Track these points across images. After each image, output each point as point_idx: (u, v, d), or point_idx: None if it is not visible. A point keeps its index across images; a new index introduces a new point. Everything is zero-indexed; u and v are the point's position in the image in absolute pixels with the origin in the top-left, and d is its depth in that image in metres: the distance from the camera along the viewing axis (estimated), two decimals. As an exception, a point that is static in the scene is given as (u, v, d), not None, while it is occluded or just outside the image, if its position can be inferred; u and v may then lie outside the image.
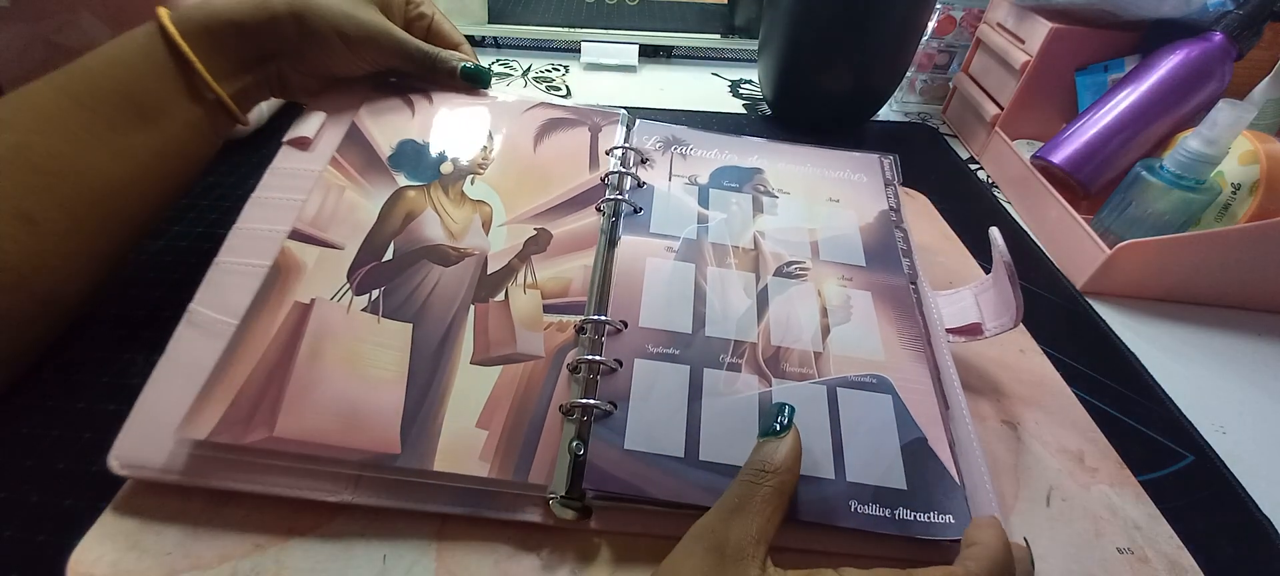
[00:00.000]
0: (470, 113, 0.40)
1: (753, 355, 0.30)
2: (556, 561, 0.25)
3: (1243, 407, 0.36)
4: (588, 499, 0.25)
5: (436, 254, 0.32)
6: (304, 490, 0.25)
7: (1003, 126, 0.57)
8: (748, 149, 0.42)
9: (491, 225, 0.34)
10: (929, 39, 0.65)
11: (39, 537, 0.24)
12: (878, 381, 0.29)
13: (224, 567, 0.23)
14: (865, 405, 0.28)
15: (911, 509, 0.25)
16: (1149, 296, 0.44)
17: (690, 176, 0.39)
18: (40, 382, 0.30)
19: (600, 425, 0.26)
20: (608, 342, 0.29)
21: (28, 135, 0.27)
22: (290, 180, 0.34)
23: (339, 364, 0.27)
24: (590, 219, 0.35)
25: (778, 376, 0.29)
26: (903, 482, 0.26)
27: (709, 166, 0.40)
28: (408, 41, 0.38)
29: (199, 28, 0.32)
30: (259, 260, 0.30)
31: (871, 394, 0.29)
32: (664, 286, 0.32)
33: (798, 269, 0.34)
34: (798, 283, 0.34)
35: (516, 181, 0.36)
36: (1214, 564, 0.27)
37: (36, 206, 0.27)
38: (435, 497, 0.25)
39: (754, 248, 0.35)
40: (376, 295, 0.29)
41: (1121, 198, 0.44)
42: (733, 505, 0.22)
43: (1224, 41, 0.45)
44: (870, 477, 0.26)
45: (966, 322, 0.33)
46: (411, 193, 0.34)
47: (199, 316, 0.28)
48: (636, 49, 0.73)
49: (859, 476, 0.26)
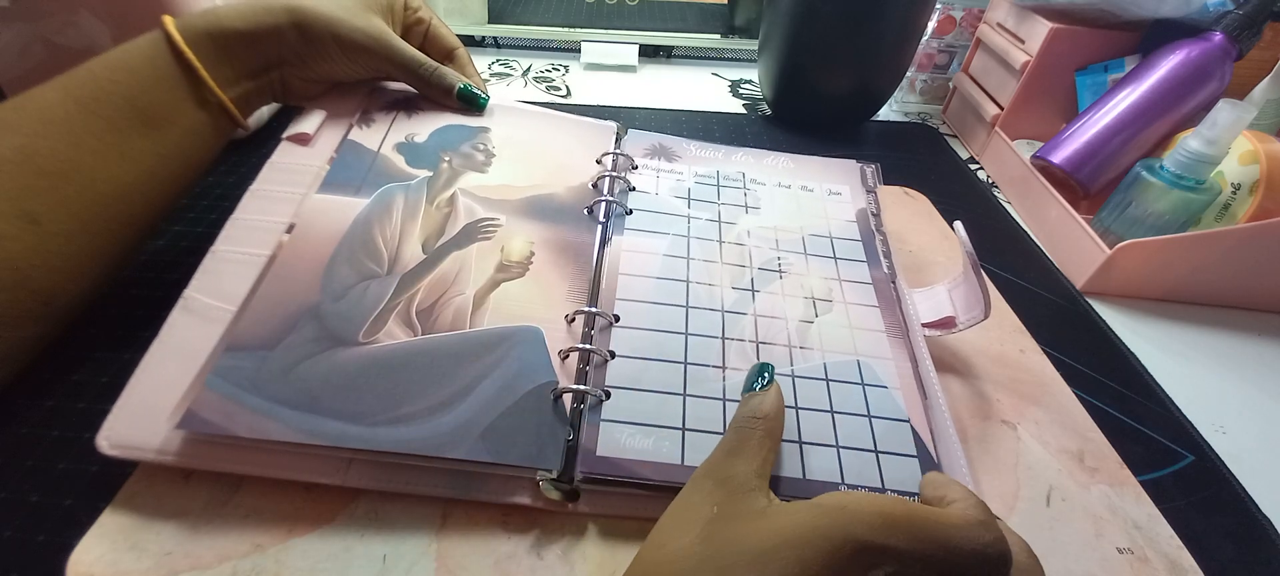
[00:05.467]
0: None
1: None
2: (546, 542, 0.25)
3: (1243, 407, 0.36)
4: (577, 482, 0.26)
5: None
6: (295, 471, 0.25)
7: (1003, 126, 0.57)
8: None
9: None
10: (929, 39, 0.65)
11: (39, 537, 0.24)
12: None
13: (224, 567, 0.23)
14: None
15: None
16: (1149, 296, 0.44)
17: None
18: (40, 382, 0.30)
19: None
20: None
21: (32, 138, 0.28)
22: (289, 175, 0.34)
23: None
24: (583, 221, 0.36)
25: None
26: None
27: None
28: (407, 53, 0.38)
29: (203, 35, 0.32)
30: (256, 250, 0.30)
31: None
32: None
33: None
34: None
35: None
36: (1214, 564, 0.27)
37: (40, 207, 0.27)
38: (427, 480, 0.25)
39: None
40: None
41: (1121, 198, 0.44)
42: (731, 447, 0.23)
43: (1224, 41, 0.45)
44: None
45: (940, 317, 0.34)
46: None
47: (194, 302, 0.28)
48: (636, 49, 0.73)
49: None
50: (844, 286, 0.35)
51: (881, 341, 0.32)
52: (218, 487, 0.25)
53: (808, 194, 0.41)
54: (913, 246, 0.44)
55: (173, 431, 0.24)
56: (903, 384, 0.30)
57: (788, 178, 0.43)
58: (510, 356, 0.28)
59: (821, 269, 0.36)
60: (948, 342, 0.36)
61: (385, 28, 0.38)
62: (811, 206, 0.40)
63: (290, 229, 0.31)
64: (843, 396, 0.30)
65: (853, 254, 0.37)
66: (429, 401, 0.26)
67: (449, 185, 0.35)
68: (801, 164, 0.44)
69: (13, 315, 0.27)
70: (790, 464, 0.27)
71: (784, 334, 0.32)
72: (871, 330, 0.33)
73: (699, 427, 0.27)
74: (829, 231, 0.39)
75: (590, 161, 0.40)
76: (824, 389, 0.30)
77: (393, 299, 0.29)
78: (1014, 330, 0.39)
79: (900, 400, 0.30)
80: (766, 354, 0.31)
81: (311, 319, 0.28)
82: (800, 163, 0.44)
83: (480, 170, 0.37)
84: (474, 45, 0.76)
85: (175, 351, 0.27)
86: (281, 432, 0.24)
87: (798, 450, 0.27)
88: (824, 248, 0.37)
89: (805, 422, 0.28)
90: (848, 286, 0.35)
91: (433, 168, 0.36)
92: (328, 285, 0.29)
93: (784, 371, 0.30)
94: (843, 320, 0.33)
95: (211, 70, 0.32)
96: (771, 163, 0.44)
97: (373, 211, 0.33)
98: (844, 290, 0.35)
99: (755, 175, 0.42)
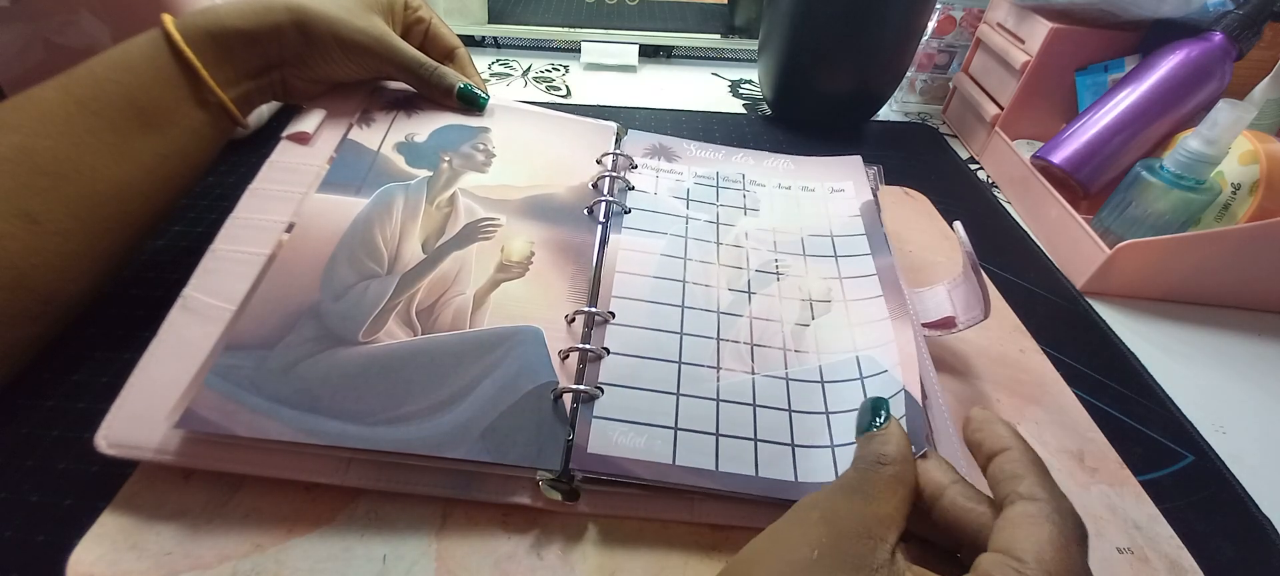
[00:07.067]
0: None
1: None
2: (545, 542, 0.25)
3: (1243, 407, 0.36)
4: (576, 481, 0.26)
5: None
6: (295, 471, 0.25)
7: (1003, 126, 0.57)
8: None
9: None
10: (929, 39, 0.65)
11: (39, 537, 0.24)
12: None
13: (224, 567, 0.23)
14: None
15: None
16: (1149, 296, 0.44)
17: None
18: (40, 382, 0.30)
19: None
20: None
21: (32, 137, 0.28)
22: (289, 174, 0.34)
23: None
24: (583, 221, 0.36)
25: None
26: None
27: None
28: (407, 53, 0.38)
29: (203, 34, 0.32)
30: (255, 249, 0.30)
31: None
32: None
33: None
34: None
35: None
36: (1214, 564, 0.27)
37: (39, 206, 0.27)
38: (427, 479, 0.25)
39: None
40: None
41: (1121, 197, 0.44)
42: (851, 485, 0.20)
43: (1224, 41, 0.45)
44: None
45: (940, 316, 0.34)
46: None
47: (192, 301, 0.28)
48: (636, 49, 0.73)
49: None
50: (845, 284, 0.35)
51: (884, 328, 0.32)
52: (218, 487, 0.25)
53: (808, 194, 0.41)
54: (913, 246, 0.44)
55: (172, 431, 0.24)
56: (903, 360, 0.30)
57: (788, 179, 0.43)
58: (510, 356, 0.28)
59: (821, 269, 0.36)
60: (948, 342, 0.36)
61: (386, 28, 0.38)
62: (812, 206, 0.40)
63: (290, 228, 0.31)
64: (838, 396, 0.29)
65: (856, 248, 0.37)
66: (429, 401, 0.26)
67: (449, 185, 0.35)
68: (803, 165, 0.44)
69: (11, 314, 0.27)
70: (782, 466, 0.27)
71: (779, 337, 0.32)
72: (874, 321, 0.32)
73: (692, 427, 0.27)
74: (830, 230, 0.38)
75: (590, 161, 0.40)
76: (819, 392, 0.30)
77: (393, 298, 0.29)
78: (1014, 330, 0.39)
79: (899, 375, 0.29)
80: (761, 357, 0.31)
81: (311, 318, 0.28)
82: (801, 164, 0.44)
83: (480, 170, 0.37)
84: (474, 45, 0.76)
85: (175, 351, 0.27)
86: (281, 432, 0.24)
87: (789, 453, 0.27)
88: (824, 247, 0.37)
89: (799, 426, 0.28)
90: (849, 283, 0.35)
91: (433, 167, 0.36)
92: (327, 284, 0.29)
93: (778, 375, 0.30)
94: (841, 320, 0.33)
95: (211, 69, 0.32)
96: (772, 164, 0.44)
97: (373, 211, 0.33)
98: (845, 288, 0.35)
99: (755, 176, 0.42)
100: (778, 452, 0.27)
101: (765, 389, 0.30)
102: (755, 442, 0.27)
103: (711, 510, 0.26)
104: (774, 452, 0.27)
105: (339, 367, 0.26)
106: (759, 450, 0.27)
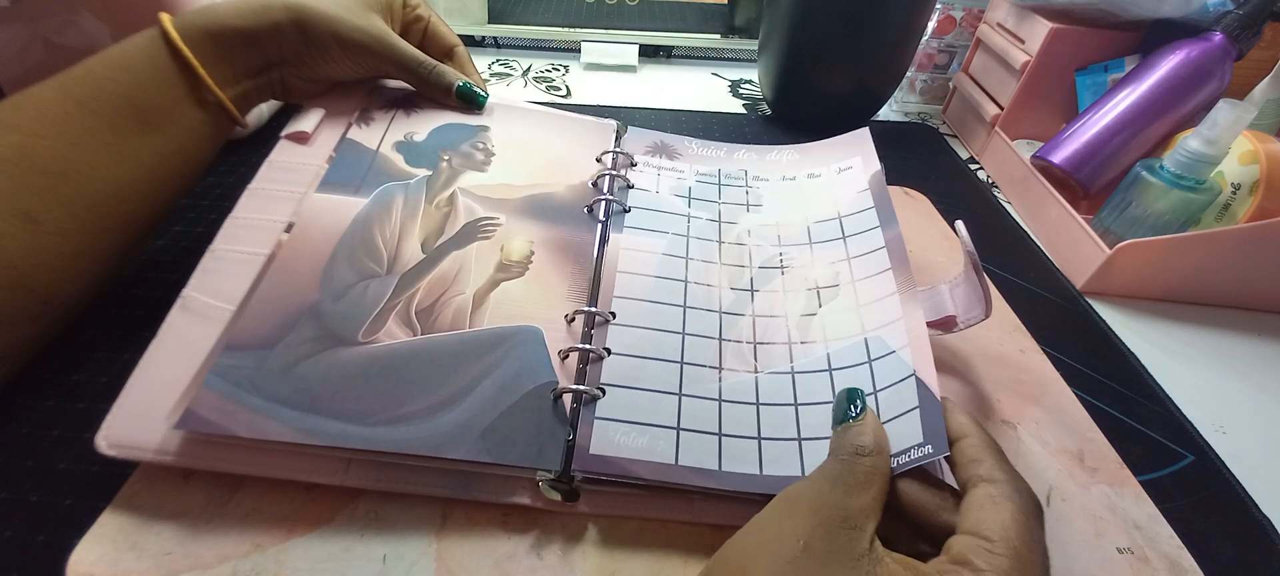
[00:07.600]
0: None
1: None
2: (545, 542, 0.25)
3: (1243, 407, 0.36)
4: (576, 482, 0.26)
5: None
6: (295, 471, 0.25)
7: (1003, 126, 0.57)
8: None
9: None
10: (929, 39, 0.65)
11: (39, 537, 0.24)
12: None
13: (224, 567, 0.23)
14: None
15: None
16: (1149, 296, 0.44)
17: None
18: (40, 382, 0.30)
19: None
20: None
21: (31, 137, 0.28)
22: (288, 174, 0.34)
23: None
24: (583, 220, 0.36)
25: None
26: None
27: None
28: (406, 52, 0.38)
29: (201, 33, 0.32)
30: (255, 249, 0.30)
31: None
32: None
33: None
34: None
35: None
36: (1214, 564, 0.27)
37: (38, 206, 0.27)
38: (427, 480, 0.25)
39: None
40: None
41: (1121, 198, 0.44)
42: (832, 476, 0.21)
43: (1224, 41, 0.45)
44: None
45: (941, 316, 0.33)
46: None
47: (192, 301, 0.28)
48: (636, 49, 0.73)
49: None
50: (852, 264, 0.34)
51: (892, 304, 0.31)
52: (217, 487, 0.25)
53: (814, 181, 0.40)
54: (913, 246, 0.44)
55: (172, 431, 0.24)
56: (912, 338, 0.28)
57: (792, 169, 0.42)
58: (510, 356, 0.28)
59: (828, 254, 0.35)
60: (948, 342, 0.36)
61: (385, 27, 0.38)
62: (818, 192, 0.39)
63: (289, 228, 0.31)
64: (846, 382, 0.29)
65: (865, 224, 0.35)
66: (429, 401, 0.26)
67: (448, 184, 0.35)
68: (808, 151, 0.43)
69: (11, 314, 0.27)
70: (787, 462, 0.27)
71: (784, 332, 0.32)
72: (883, 297, 0.31)
73: (694, 427, 0.27)
74: (837, 212, 0.37)
75: (590, 160, 0.40)
76: (827, 380, 0.29)
77: (392, 298, 0.29)
78: (1014, 330, 0.39)
79: (908, 357, 0.28)
80: (765, 354, 0.31)
81: (311, 318, 0.28)
82: (806, 151, 0.43)
83: (480, 169, 0.37)
84: (474, 45, 0.76)
85: (174, 351, 0.27)
86: (281, 432, 0.24)
87: (796, 448, 0.27)
88: (831, 231, 0.36)
89: (805, 418, 0.28)
90: (857, 262, 0.34)
91: (432, 167, 0.36)
92: (327, 284, 0.29)
93: (783, 370, 0.30)
94: (850, 301, 0.32)
95: (210, 69, 0.32)
96: (775, 157, 0.43)
97: (372, 210, 0.33)
98: (852, 268, 0.34)
99: (758, 172, 0.42)
100: (783, 448, 0.27)
101: (769, 386, 0.29)
102: (759, 441, 0.27)
103: (712, 510, 0.26)
104: (779, 449, 0.27)
105: (339, 368, 0.26)
106: (764, 448, 0.27)
